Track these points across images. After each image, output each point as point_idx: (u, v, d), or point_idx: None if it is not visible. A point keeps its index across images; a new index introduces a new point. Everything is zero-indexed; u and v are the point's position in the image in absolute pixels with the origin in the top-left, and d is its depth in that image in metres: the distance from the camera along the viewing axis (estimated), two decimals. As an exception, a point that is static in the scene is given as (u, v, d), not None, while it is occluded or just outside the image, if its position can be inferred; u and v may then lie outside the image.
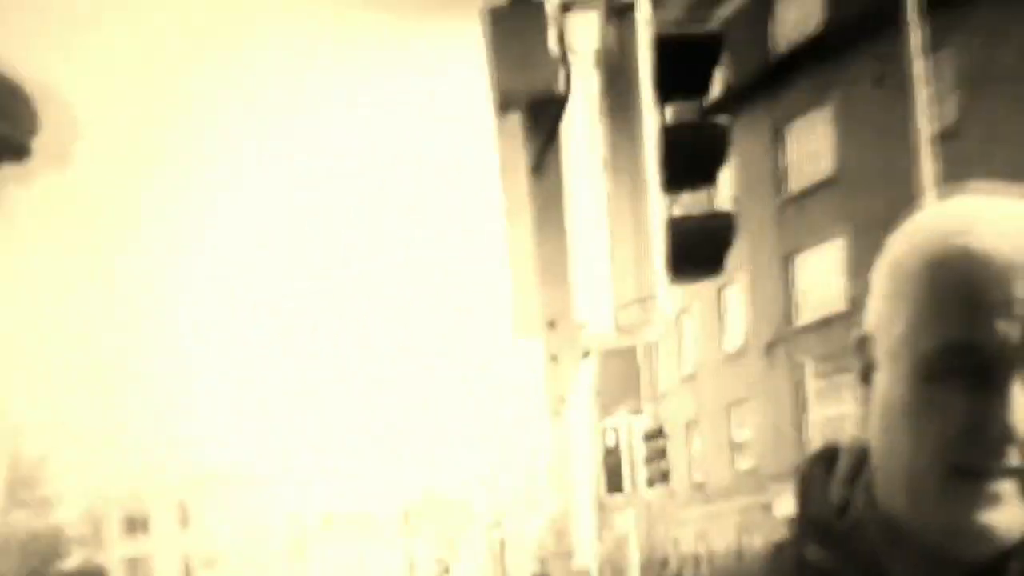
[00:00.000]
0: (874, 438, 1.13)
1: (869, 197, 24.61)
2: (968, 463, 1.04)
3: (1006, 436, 1.02)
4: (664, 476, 18.89)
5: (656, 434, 19.23)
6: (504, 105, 6.28)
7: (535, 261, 6.32)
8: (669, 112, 6.82)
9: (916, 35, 16.64)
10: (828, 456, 1.23)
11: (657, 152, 6.43)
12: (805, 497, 1.22)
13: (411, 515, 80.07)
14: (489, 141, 6.43)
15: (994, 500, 1.04)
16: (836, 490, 1.19)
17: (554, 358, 6.26)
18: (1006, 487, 1.04)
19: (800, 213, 29.49)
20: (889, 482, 1.11)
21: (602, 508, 38.56)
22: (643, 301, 6.35)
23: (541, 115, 6.31)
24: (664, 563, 36.66)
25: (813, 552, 1.17)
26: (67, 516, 64.84)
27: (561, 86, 6.20)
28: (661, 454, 19.05)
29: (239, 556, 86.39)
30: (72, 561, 59.60)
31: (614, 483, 18.81)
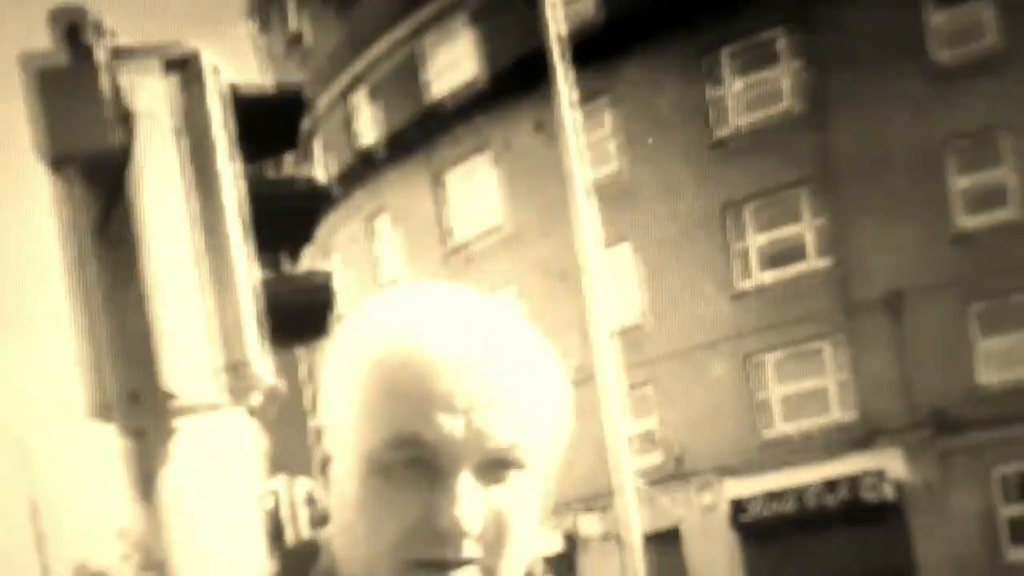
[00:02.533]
0: (334, 533, 1.13)
1: (536, 244, 24.60)
2: (423, 557, 1.04)
3: (458, 529, 1.03)
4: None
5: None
6: (56, 164, 5.68)
7: (108, 332, 5.65)
8: (261, 170, 6.38)
9: (565, 83, 16.69)
10: (306, 553, 1.19)
11: (244, 213, 5.96)
12: None
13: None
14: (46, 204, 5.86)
15: None
16: None
17: (140, 433, 5.64)
18: None
19: (468, 262, 29.19)
20: None
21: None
22: (237, 368, 5.81)
23: (102, 175, 5.71)
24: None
25: None
26: None
27: (122, 143, 5.65)
28: (324, 520, 18.26)
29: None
30: None
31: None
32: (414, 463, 1.04)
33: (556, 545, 26.11)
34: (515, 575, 1.11)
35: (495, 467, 1.06)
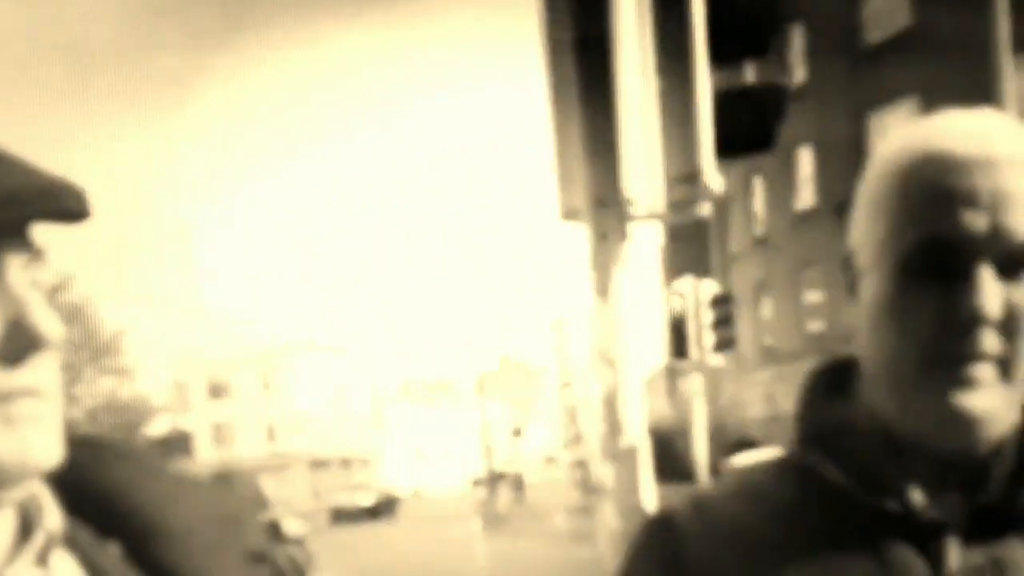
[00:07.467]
0: (862, 343, 1.19)
1: (944, 56, 23.67)
2: (943, 351, 1.09)
3: (976, 320, 1.07)
4: (729, 343, 18.67)
5: (723, 299, 18.96)
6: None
7: (582, 139, 6.09)
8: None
9: None
10: (832, 368, 1.29)
11: (705, 22, 6.08)
12: (806, 410, 1.27)
13: (485, 381, 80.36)
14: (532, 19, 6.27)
15: (971, 384, 1.09)
16: (839, 404, 1.25)
17: (603, 236, 6.10)
18: (983, 372, 1.09)
19: (874, 70, 28.19)
20: (876, 383, 1.17)
21: (670, 374, 38.04)
22: (691, 178, 6.09)
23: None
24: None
25: (817, 463, 1.21)
26: (151, 385, 65.36)
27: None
28: (727, 320, 18.84)
29: (321, 421, 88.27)
30: (159, 427, 59.84)
31: (679, 349, 18.60)
32: (940, 262, 1.10)
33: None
34: None
35: (1012, 264, 1.10)
